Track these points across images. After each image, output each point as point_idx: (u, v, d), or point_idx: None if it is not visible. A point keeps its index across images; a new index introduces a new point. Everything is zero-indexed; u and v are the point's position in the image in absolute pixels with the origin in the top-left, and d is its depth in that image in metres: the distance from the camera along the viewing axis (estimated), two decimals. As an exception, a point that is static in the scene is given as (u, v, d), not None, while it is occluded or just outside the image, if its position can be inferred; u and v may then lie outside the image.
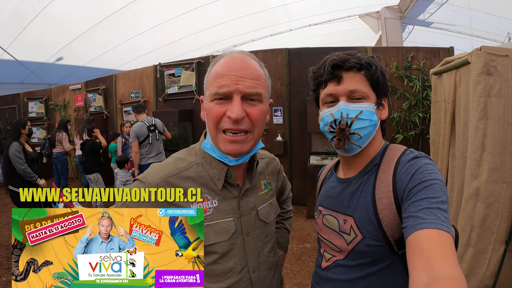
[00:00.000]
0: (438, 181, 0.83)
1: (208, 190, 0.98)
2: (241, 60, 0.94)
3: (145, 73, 7.63)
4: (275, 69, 6.05)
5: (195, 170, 0.99)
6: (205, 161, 1.00)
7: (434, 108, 3.58)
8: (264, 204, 1.11)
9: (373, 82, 0.98)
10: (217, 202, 0.97)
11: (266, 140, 6.15)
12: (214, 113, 0.92)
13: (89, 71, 12.54)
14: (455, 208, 2.73)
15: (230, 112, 0.89)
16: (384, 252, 0.91)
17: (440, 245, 0.70)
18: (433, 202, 0.78)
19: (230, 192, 1.01)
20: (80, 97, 8.87)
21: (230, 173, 0.99)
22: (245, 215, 1.03)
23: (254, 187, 1.09)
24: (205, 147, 1.00)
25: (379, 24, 10.74)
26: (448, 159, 3.12)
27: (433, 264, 0.66)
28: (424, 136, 5.34)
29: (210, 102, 0.94)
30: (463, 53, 2.81)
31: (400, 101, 5.56)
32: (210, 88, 0.94)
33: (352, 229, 0.97)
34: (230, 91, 0.90)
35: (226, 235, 0.97)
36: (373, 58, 1.01)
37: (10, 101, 10.26)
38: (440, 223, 0.73)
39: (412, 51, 5.51)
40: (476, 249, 2.31)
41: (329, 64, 0.98)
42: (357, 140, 0.96)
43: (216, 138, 0.94)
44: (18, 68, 11.86)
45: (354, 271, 0.96)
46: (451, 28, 10.99)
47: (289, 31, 12.81)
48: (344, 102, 0.96)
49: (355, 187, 1.00)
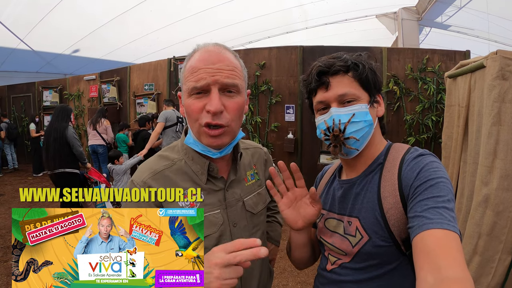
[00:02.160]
0: (444, 179, 0.81)
1: (193, 184, 0.99)
2: (216, 53, 0.94)
3: (159, 66, 7.68)
4: (289, 66, 6.05)
5: (178, 167, 1.01)
6: (188, 158, 1.02)
7: (447, 112, 3.52)
8: (251, 195, 1.12)
9: (362, 82, 0.96)
10: (203, 196, 0.99)
11: (277, 137, 6.16)
12: (194, 109, 0.92)
13: (104, 63, 12.63)
14: (464, 215, 2.68)
15: (209, 106, 0.89)
16: (391, 252, 0.90)
17: (446, 245, 0.69)
18: (439, 201, 0.77)
19: (215, 185, 1.02)
20: (94, 87, 8.97)
21: (212, 167, 1.01)
22: (231, 207, 1.04)
23: (239, 179, 1.10)
24: (188, 141, 1.01)
25: (396, 25, 10.58)
26: (459, 164, 3.07)
27: (440, 265, 0.65)
28: (437, 140, 5.26)
29: (188, 97, 0.94)
30: (479, 57, 2.75)
31: (414, 103, 5.49)
32: (187, 83, 0.94)
33: (357, 230, 0.95)
34: (208, 83, 0.90)
35: (215, 227, 0.99)
36: (360, 56, 1.00)
37: (25, 90, 10.43)
38: (447, 222, 0.72)
39: (427, 53, 5.43)
40: (482, 258, 2.27)
41: (315, 71, 0.97)
42: (354, 143, 0.95)
43: (198, 133, 0.96)
44: (34, 58, 12.04)
45: (361, 273, 0.94)
46: (469, 32, 10.77)
47: (305, 29, 12.73)
48: (335, 108, 0.95)
49: (359, 188, 0.98)
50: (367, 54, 1.03)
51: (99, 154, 6.85)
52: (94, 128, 6.75)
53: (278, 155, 6.09)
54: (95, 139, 6.80)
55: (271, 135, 6.24)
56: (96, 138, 6.81)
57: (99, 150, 6.82)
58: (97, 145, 6.80)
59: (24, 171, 9.45)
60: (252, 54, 6.30)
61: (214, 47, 0.96)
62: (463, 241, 2.44)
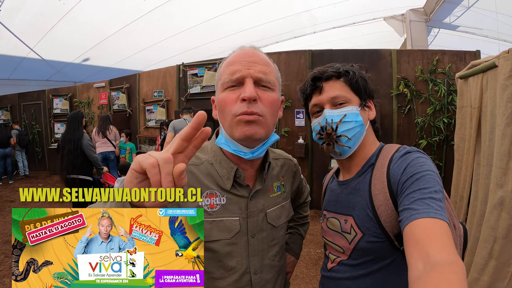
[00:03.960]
0: (430, 172, 0.85)
1: (217, 187, 0.98)
2: (252, 50, 0.98)
3: (168, 73, 7.74)
4: (298, 71, 6.03)
5: (205, 167, 0.99)
6: (215, 160, 1.01)
7: (459, 113, 3.47)
8: (274, 207, 1.09)
9: (353, 86, 1.05)
10: (225, 200, 0.98)
11: (288, 142, 6.13)
12: (228, 100, 0.93)
13: (114, 72, 12.79)
14: (478, 218, 2.62)
15: (243, 93, 0.90)
16: (385, 248, 0.94)
17: (434, 233, 0.71)
18: (426, 192, 0.80)
19: (239, 192, 1.00)
20: (104, 95, 9.09)
21: (239, 173, 0.99)
22: (252, 217, 1.01)
23: (265, 189, 1.07)
24: (219, 142, 0.99)
25: (404, 27, 10.52)
26: (472, 166, 3.01)
27: (429, 251, 0.67)
28: (449, 142, 5.18)
29: (222, 92, 0.95)
30: (490, 56, 2.70)
31: (425, 106, 5.42)
32: (222, 77, 0.95)
33: (352, 228, 1.00)
34: (243, 75, 0.92)
35: (229, 233, 0.97)
36: (352, 66, 1.09)
37: (36, 97, 10.63)
38: (433, 211, 0.74)
39: (437, 54, 5.36)
40: (498, 262, 2.21)
41: (310, 77, 1.09)
42: (346, 142, 1.02)
43: (231, 126, 0.93)
44: (44, 66, 12.27)
45: (358, 269, 1.00)
46: (478, 31, 10.65)
47: (313, 33, 12.74)
48: (328, 109, 1.04)
49: (352, 187, 1.06)
50: (359, 65, 1.13)
51: (110, 161, 6.91)
52: (104, 136, 6.81)
53: (288, 160, 6.05)
54: (106, 146, 6.85)
55: (281, 140, 6.20)
56: (108, 145, 6.87)
57: (111, 157, 6.89)
58: (108, 152, 6.85)
59: (35, 178, 9.58)
60: (260, 59, 6.28)
61: (250, 48, 0.99)
62: (478, 245, 2.39)
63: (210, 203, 0.96)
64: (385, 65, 5.54)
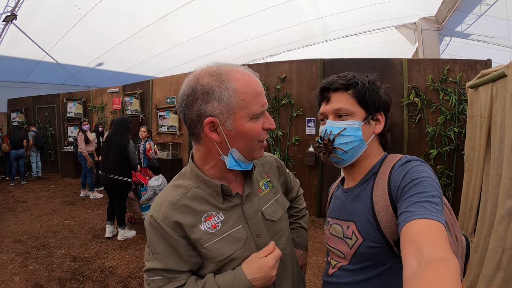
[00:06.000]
0: (428, 178, 0.87)
1: (212, 206, 1.01)
2: (255, 77, 1.00)
3: (181, 79, 7.70)
4: (309, 79, 6.03)
5: (193, 192, 1.02)
6: (200, 182, 1.03)
7: (470, 123, 3.46)
8: (268, 203, 1.14)
9: (360, 99, 1.05)
10: (223, 216, 1.01)
11: (298, 150, 6.13)
12: (258, 130, 0.97)
13: (128, 77, 13.00)
14: (487, 229, 2.60)
15: (269, 124, 1.00)
16: (385, 253, 0.96)
17: (429, 232, 0.72)
18: (423, 196, 0.82)
19: (232, 202, 1.04)
20: (117, 100, 9.23)
21: (225, 187, 1.02)
22: (251, 219, 1.06)
23: (254, 191, 1.12)
24: (231, 165, 0.99)
25: (416, 35, 10.48)
26: (482, 176, 2.99)
27: (423, 249, 0.68)
28: (459, 152, 5.14)
29: (248, 121, 0.95)
30: (500, 66, 2.70)
31: (436, 115, 5.39)
32: (251, 107, 0.94)
33: (353, 233, 1.02)
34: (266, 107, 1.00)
35: (241, 242, 1.01)
36: (367, 77, 1.10)
37: (50, 101, 10.84)
38: (429, 213, 0.76)
39: (448, 64, 5.35)
40: (506, 273, 2.18)
41: (319, 87, 1.13)
42: (342, 154, 1.06)
43: (253, 150, 1.00)
44: (58, 70, 12.52)
45: (358, 274, 1.01)
46: (490, 40, 10.55)
47: (324, 42, 12.76)
48: (330, 120, 1.08)
49: (355, 195, 1.08)
50: (377, 75, 1.14)
51: None
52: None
53: (299, 169, 6.06)
54: None
55: (292, 148, 6.20)
56: None
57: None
58: None
59: (47, 179, 9.76)
60: (272, 67, 6.33)
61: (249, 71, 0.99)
62: (486, 256, 2.37)
63: (212, 224, 0.99)
64: (396, 74, 5.53)
